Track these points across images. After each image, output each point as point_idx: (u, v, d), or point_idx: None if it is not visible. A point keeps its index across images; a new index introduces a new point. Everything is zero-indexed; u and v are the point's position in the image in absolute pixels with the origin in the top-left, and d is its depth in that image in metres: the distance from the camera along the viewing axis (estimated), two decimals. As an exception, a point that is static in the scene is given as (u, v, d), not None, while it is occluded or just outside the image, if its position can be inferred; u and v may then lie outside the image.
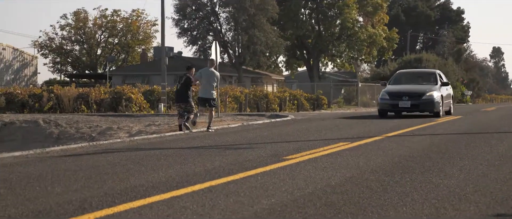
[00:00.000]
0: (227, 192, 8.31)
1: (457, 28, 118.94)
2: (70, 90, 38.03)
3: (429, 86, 28.34)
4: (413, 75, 32.48)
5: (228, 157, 12.43)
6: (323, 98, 52.76)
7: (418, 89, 28.07)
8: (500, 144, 15.15)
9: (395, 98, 27.59)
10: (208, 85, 21.13)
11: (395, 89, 28.56)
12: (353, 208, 7.30)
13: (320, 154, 12.69)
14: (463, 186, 8.82)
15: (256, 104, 43.73)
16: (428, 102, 27.27)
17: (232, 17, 60.88)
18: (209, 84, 21.15)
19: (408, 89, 28.14)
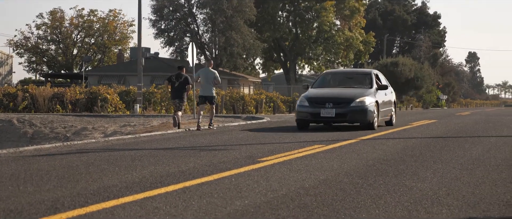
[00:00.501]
0: (200, 193, 8.29)
1: (434, 33, 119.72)
2: (45, 90, 37.84)
3: (361, 91, 22.50)
4: (343, 76, 25.79)
5: (202, 158, 12.41)
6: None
7: (346, 94, 22.26)
8: (474, 148, 15.25)
9: (316, 105, 21.60)
10: (207, 84, 22.75)
11: (317, 94, 22.69)
12: (326, 210, 7.31)
13: (295, 156, 12.70)
14: (436, 189, 8.86)
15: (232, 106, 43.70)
16: (358, 111, 21.34)
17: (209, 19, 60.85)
18: (208, 83, 22.74)
19: (333, 94, 22.35)
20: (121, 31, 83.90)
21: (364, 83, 23.45)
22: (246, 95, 46.85)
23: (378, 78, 24.28)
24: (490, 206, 7.72)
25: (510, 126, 25.97)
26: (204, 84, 22.92)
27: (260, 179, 9.63)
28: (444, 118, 34.71)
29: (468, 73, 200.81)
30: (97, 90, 38.06)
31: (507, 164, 11.84)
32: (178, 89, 23.13)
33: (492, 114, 46.42)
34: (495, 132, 21.44)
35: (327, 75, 25.74)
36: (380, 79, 24.29)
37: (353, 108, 21.35)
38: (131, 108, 38.28)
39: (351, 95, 21.86)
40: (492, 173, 10.56)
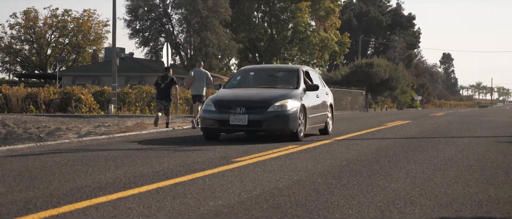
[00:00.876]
0: (174, 194, 8.27)
1: (408, 34, 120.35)
2: (18, 90, 37.57)
3: (284, 92, 17.79)
4: (265, 73, 20.63)
5: (176, 158, 12.38)
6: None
7: (263, 96, 17.59)
8: (447, 148, 15.35)
9: (224, 110, 17.02)
10: (199, 84, 23.72)
11: (226, 96, 18.00)
12: (299, 210, 7.32)
13: (269, 157, 12.71)
14: (409, 189, 8.90)
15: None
16: (277, 118, 16.72)
17: (185, 19, 60.71)
18: (200, 83, 23.70)
19: (246, 96, 17.72)
20: (95, 31, 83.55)
21: (289, 83, 18.73)
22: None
23: (309, 76, 19.63)
24: (462, 206, 7.77)
25: (483, 126, 26.18)
26: (197, 84, 23.74)
27: (234, 179, 9.62)
28: (418, 118, 34.90)
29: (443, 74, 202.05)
30: (71, 90, 37.85)
31: (479, 165, 11.92)
32: (164, 91, 23.33)
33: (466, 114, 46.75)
34: (468, 133, 21.60)
35: (244, 72, 20.67)
36: (311, 78, 19.65)
37: (270, 114, 16.75)
38: (105, 109, 38.10)
39: (269, 98, 17.21)
40: (465, 173, 10.63)
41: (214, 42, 59.43)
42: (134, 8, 60.42)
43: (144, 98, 39.55)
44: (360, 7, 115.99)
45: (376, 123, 27.36)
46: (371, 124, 25.96)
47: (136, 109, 39.16)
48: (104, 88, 41.07)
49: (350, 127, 24.17)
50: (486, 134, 21.07)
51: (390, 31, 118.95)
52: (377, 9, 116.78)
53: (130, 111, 38.60)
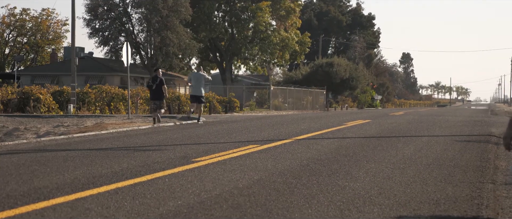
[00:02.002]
0: (133, 194, 8.22)
1: (368, 34, 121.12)
2: (-24, 90, 37.03)
3: None
4: None
5: (136, 158, 12.30)
6: (235, 101, 52.84)
7: None
8: (406, 147, 15.48)
9: None
10: (198, 85, 26.40)
11: None
12: (259, 210, 7.32)
13: (230, 156, 12.70)
14: (368, 188, 8.95)
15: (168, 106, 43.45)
16: None
17: (145, 18, 60.33)
18: (199, 84, 26.38)
19: None
20: (54, 31, 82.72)
21: None
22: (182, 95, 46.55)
23: None
24: (421, 204, 7.83)
25: (442, 125, 26.44)
26: (195, 85, 26.46)
27: (194, 179, 9.59)
28: (378, 118, 35.12)
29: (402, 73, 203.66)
30: (30, 90, 37.40)
31: (437, 163, 12.04)
32: (156, 91, 26.05)
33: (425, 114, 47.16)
34: (427, 132, 21.80)
35: None
36: None
37: None
38: (64, 109, 37.72)
39: None
40: (423, 172, 10.73)
41: (175, 42, 59.17)
42: (94, 7, 59.91)
43: (104, 98, 39.26)
44: (320, 7, 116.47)
45: (336, 122, 27.49)
46: (331, 123, 26.09)
47: (96, 109, 38.85)
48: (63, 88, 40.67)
49: (310, 126, 24.25)
50: (444, 133, 21.28)
51: (350, 31, 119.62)
52: (337, 9, 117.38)
53: (89, 110, 38.27)
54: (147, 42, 62.42)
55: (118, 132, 20.74)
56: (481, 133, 21.75)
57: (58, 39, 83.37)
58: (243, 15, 73.58)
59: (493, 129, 24.04)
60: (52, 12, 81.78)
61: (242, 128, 23.04)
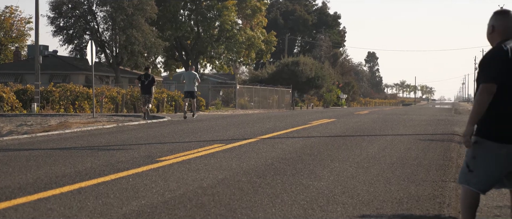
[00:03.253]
0: (96, 194, 8.18)
1: (334, 33, 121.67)
2: None
3: None
4: None
5: (100, 158, 12.23)
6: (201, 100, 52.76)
7: None
8: (370, 146, 15.56)
9: None
10: (190, 83, 29.81)
11: None
12: (223, 210, 7.32)
13: (194, 156, 12.67)
14: (332, 187, 8.99)
15: (133, 105, 43.29)
16: None
17: (110, 17, 60.04)
18: (191, 82, 29.80)
19: None
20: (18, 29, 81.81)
21: None
22: (148, 94, 46.33)
23: None
24: (383, 203, 7.89)
25: (406, 124, 26.61)
26: (188, 83, 29.83)
27: (158, 179, 9.56)
28: (343, 117, 35.25)
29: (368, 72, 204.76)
30: (-7, 88, 37.04)
31: (401, 162, 12.12)
32: (147, 86, 29.61)
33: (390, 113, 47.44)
34: (391, 131, 21.94)
35: None
36: None
37: None
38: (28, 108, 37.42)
39: None
40: (387, 171, 10.80)
41: (140, 40, 58.94)
42: (58, 5, 59.47)
43: (69, 97, 38.98)
44: (286, 6, 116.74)
45: (301, 121, 27.55)
46: (296, 122, 26.14)
47: (60, 108, 38.57)
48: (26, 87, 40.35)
49: (276, 125, 24.28)
50: (408, 132, 21.43)
51: (316, 30, 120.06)
52: (303, 8, 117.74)
53: (54, 109, 37.99)
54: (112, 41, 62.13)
55: (83, 131, 20.60)
56: (444, 132, 21.94)
57: (21, 37, 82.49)
58: (209, 14, 73.52)
59: (457, 128, 24.26)
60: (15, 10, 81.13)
61: (208, 127, 23.01)
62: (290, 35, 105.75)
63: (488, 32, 5.98)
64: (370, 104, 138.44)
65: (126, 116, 31.93)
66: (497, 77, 5.67)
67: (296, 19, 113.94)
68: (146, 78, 29.76)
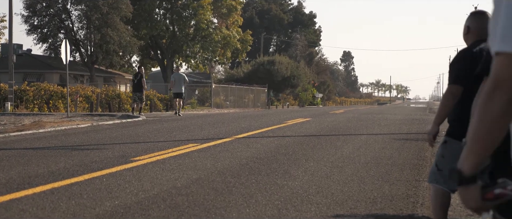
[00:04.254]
0: (70, 194, 8.12)
1: (309, 32, 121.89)
2: None
3: None
4: None
5: (74, 158, 12.15)
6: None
7: None
8: (345, 146, 15.61)
9: None
10: (179, 84, 32.85)
11: None
12: (197, 210, 7.30)
13: (169, 155, 12.64)
14: (307, 187, 8.99)
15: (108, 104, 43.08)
16: None
17: (85, 15, 59.72)
18: (180, 83, 32.84)
19: None
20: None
21: None
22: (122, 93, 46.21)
23: None
24: (357, 203, 7.90)
25: (381, 124, 26.73)
26: (176, 84, 32.82)
27: (132, 179, 9.52)
28: (318, 116, 35.34)
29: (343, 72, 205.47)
30: (-34, 87, 36.71)
31: (375, 162, 12.17)
32: (137, 84, 32.19)
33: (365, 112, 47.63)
34: (366, 130, 22.02)
35: None
36: None
37: None
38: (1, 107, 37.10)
39: None
40: (361, 171, 10.83)
41: (115, 39, 58.70)
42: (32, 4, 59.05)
43: (43, 96, 38.72)
44: (262, 5, 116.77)
45: (277, 121, 27.58)
46: (272, 122, 26.16)
47: (34, 107, 38.30)
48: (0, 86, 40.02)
49: (251, 124, 24.28)
50: (383, 132, 21.53)
51: (292, 29, 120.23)
52: (279, 7, 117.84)
53: (28, 109, 37.71)
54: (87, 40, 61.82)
55: (57, 131, 20.49)
56: (418, 131, 22.05)
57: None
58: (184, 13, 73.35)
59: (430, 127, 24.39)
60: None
61: (183, 126, 22.97)
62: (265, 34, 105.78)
63: (464, 33, 5.99)
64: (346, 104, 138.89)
65: (101, 115, 31.76)
66: (461, 79, 5.66)
67: (271, 18, 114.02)
68: (136, 77, 32.32)
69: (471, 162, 2.35)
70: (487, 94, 2.26)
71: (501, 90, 2.23)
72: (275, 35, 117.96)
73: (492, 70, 2.28)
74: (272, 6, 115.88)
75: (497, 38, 2.29)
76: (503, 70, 2.24)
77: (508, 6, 2.28)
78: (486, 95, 2.27)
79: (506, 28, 2.26)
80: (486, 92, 2.27)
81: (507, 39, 2.25)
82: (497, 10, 2.34)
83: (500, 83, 2.23)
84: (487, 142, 2.30)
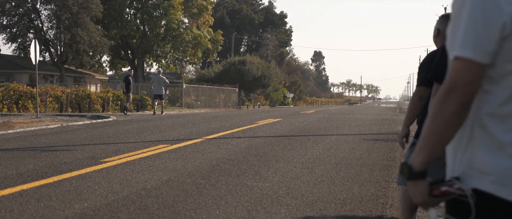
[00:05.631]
0: (38, 196, 8.07)
1: (280, 32, 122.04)
2: None
3: None
4: None
5: (43, 159, 12.07)
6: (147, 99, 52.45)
7: None
8: (315, 146, 15.65)
9: None
10: (159, 86, 35.51)
11: None
12: (166, 212, 7.29)
13: (139, 157, 12.60)
14: (277, 188, 9.01)
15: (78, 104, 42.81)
16: None
17: (54, 15, 59.24)
18: (160, 85, 35.47)
19: None
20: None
21: None
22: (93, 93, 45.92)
23: None
24: (327, 204, 7.94)
25: (351, 124, 26.84)
26: (157, 86, 35.43)
27: (101, 180, 9.48)
28: (289, 116, 35.40)
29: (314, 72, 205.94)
30: None
31: (345, 162, 12.22)
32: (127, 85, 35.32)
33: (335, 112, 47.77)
34: (336, 131, 22.10)
35: None
36: None
37: None
38: (-30, 107, 36.73)
39: None
40: (331, 172, 10.87)
41: (85, 39, 58.31)
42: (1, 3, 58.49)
43: (12, 96, 38.41)
44: (233, 5, 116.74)
45: (247, 121, 27.59)
46: (242, 122, 26.16)
47: (3, 107, 37.97)
48: (-32, 86, 39.61)
49: (222, 125, 24.27)
50: (353, 132, 21.62)
51: (263, 29, 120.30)
52: (250, 7, 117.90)
53: (-4, 109, 37.37)
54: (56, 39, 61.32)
55: (26, 131, 20.33)
56: (388, 132, 22.18)
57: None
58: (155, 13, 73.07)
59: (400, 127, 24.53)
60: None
61: (153, 127, 22.89)
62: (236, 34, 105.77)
63: (434, 35, 5.99)
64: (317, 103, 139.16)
65: (71, 116, 31.56)
66: (428, 81, 5.67)
67: (242, 18, 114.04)
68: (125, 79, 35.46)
69: (421, 159, 2.44)
70: (442, 96, 2.35)
71: (456, 94, 2.32)
72: (246, 35, 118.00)
73: (449, 74, 2.37)
74: (243, 6, 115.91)
75: (457, 43, 2.37)
76: (459, 75, 2.33)
77: (471, 13, 2.35)
78: (441, 97, 2.36)
79: (466, 33, 2.34)
80: (441, 94, 2.36)
81: (466, 45, 2.34)
82: (457, 16, 2.41)
83: (456, 87, 2.33)
84: (439, 141, 2.40)
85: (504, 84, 2.38)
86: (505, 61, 2.36)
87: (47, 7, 60.32)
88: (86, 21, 58.56)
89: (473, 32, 2.33)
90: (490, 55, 2.34)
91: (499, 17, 2.32)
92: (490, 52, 2.33)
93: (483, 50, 2.32)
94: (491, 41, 2.33)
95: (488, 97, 2.40)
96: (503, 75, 2.38)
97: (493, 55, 2.35)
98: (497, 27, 2.32)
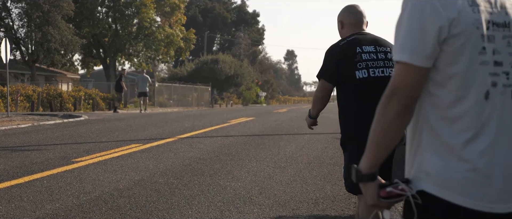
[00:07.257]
0: (9, 197, 8.01)
1: (253, 31, 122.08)
2: None
3: None
4: None
5: (14, 159, 11.97)
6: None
7: None
8: (288, 145, 15.67)
9: None
10: (143, 85, 37.98)
11: None
12: (139, 212, 7.26)
13: (111, 156, 12.54)
14: (249, 188, 9.01)
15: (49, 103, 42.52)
16: None
17: (25, 13, 58.80)
18: (144, 84, 37.92)
19: None
20: None
21: None
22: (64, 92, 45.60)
23: None
24: (300, 204, 7.95)
25: (324, 122, 26.90)
26: (141, 85, 38.03)
27: (73, 180, 9.43)
28: (262, 115, 35.42)
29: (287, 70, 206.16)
30: None
31: (318, 162, 12.24)
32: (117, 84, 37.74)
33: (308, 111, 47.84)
34: (309, 130, 22.11)
35: None
36: None
37: None
38: None
39: None
40: (304, 171, 10.89)
41: (57, 38, 57.91)
42: (-29, 1, 57.99)
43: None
44: (205, 3, 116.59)
45: (220, 120, 27.55)
46: (215, 121, 26.12)
47: (-26, 106, 37.62)
48: None
49: (194, 124, 24.22)
50: (326, 131, 21.67)
51: (235, 28, 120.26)
52: (222, 5, 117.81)
53: (-33, 108, 37.02)
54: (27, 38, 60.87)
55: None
56: (361, 130, 22.24)
57: None
58: (127, 11, 72.76)
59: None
60: None
61: (126, 126, 22.79)
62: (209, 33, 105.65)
63: (339, 29, 5.77)
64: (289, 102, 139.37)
65: (42, 115, 31.33)
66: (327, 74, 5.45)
67: (215, 16, 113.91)
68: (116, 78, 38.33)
69: (368, 161, 2.50)
70: (385, 99, 2.42)
71: (397, 96, 2.39)
72: (218, 33, 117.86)
73: (392, 77, 2.43)
74: (215, 5, 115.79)
75: (397, 47, 2.43)
76: (400, 79, 2.40)
77: (409, 18, 2.41)
78: (384, 100, 2.43)
79: (404, 38, 2.40)
80: (385, 97, 2.43)
81: (404, 50, 2.40)
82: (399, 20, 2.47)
83: (397, 90, 2.39)
84: (383, 143, 2.45)
85: (449, 87, 2.43)
86: (447, 64, 2.41)
87: (18, 5, 59.82)
88: (58, 19, 58.17)
89: (410, 37, 2.39)
90: (429, 58, 2.39)
91: (436, 21, 2.37)
92: (427, 56, 2.38)
93: (420, 54, 2.37)
94: (427, 45, 2.37)
95: (436, 101, 2.45)
96: (447, 78, 2.42)
97: (432, 59, 2.40)
98: (434, 32, 2.37)
